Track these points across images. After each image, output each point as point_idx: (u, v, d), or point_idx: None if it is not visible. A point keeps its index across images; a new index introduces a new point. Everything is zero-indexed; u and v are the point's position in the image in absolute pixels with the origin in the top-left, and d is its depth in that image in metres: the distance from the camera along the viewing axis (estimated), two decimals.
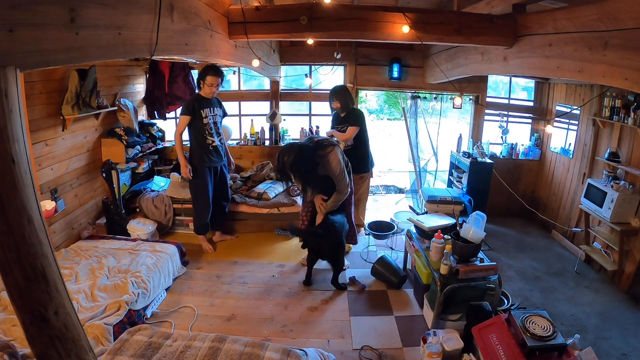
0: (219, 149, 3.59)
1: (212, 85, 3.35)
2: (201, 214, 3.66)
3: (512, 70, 2.91)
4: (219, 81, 3.38)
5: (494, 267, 2.61)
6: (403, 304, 3.05)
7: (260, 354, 1.92)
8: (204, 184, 3.56)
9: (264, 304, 3.00)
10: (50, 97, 3.04)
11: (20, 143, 0.99)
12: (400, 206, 5.16)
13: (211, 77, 3.32)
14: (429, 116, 5.19)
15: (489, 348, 2.08)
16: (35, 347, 1.10)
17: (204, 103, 3.43)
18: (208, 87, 3.35)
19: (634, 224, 3.21)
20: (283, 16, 2.67)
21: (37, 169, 2.94)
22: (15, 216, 0.99)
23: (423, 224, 3.11)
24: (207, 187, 3.58)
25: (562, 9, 2.26)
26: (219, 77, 3.37)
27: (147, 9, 1.64)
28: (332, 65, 4.78)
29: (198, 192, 3.60)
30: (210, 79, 3.32)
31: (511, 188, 4.66)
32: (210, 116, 3.47)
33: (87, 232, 3.54)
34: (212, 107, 3.49)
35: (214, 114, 3.51)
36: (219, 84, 3.41)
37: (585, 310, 3.03)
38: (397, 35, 2.67)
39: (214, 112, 3.51)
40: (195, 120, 3.40)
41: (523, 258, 3.87)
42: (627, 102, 3.35)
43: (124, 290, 2.67)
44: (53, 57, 1.14)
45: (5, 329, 2.21)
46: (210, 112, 3.47)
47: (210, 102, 3.47)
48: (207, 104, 3.45)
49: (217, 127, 3.56)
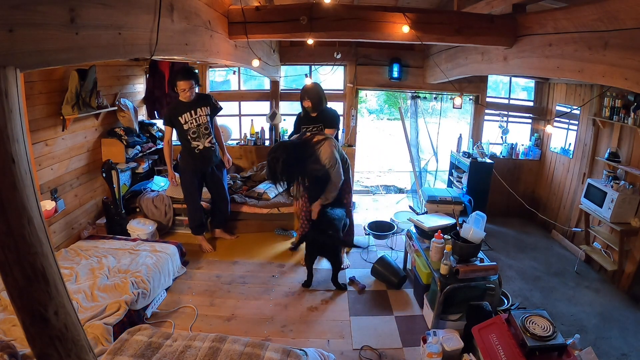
0: (207, 152, 3.47)
1: (184, 90, 3.20)
2: (192, 215, 3.67)
3: (512, 70, 2.90)
4: (191, 84, 3.20)
5: (494, 267, 2.61)
6: (403, 304, 3.05)
7: (260, 354, 1.92)
8: (190, 187, 3.56)
9: (264, 304, 3.00)
10: (50, 97, 3.04)
11: (20, 143, 0.99)
12: (400, 206, 5.15)
13: (181, 82, 3.18)
14: (429, 116, 5.19)
15: (489, 348, 2.08)
16: (35, 347, 1.10)
17: (181, 109, 3.31)
18: (181, 92, 3.22)
19: (634, 224, 3.21)
20: (283, 16, 2.67)
21: (37, 169, 2.94)
22: (15, 216, 0.99)
23: (423, 224, 3.12)
24: (194, 190, 3.57)
25: (562, 9, 2.26)
26: (190, 79, 3.20)
27: (147, 9, 1.64)
28: (332, 65, 4.78)
29: (186, 195, 3.62)
30: (180, 84, 3.18)
31: (511, 188, 4.66)
32: (191, 120, 3.33)
33: (87, 232, 3.54)
34: (192, 109, 3.33)
35: (196, 115, 3.35)
36: (193, 86, 3.23)
37: (585, 310, 3.03)
38: (397, 35, 2.67)
39: (196, 114, 3.34)
40: (176, 128, 3.36)
41: (523, 258, 3.87)
42: (627, 102, 3.35)
43: (124, 290, 2.67)
44: (53, 57, 1.14)
45: (5, 329, 2.21)
46: (191, 115, 3.33)
47: (189, 105, 3.31)
48: (186, 108, 3.31)
49: (203, 128, 3.40)
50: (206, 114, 3.42)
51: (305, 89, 3.48)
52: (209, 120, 3.44)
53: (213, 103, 3.51)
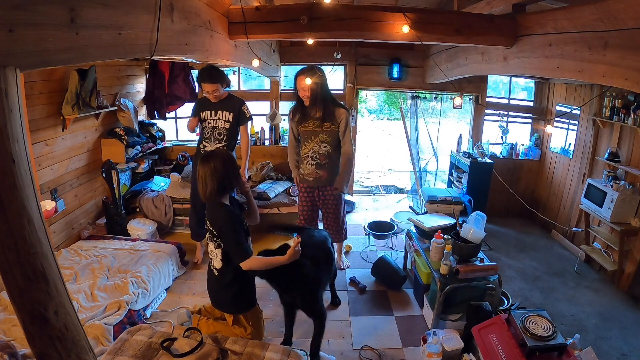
0: None
1: (208, 92, 3.06)
2: (191, 220, 3.49)
3: (512, 70, 2.90)
4: (216, 87, 3.02)
5: (494, 267, 2.61)
6: (403, 304, 3.05)
7: (260, 354, 1.92)
8: (191, 189, 3.44)
9: (264, 304, 2.98)
10: (50, 97, 3.03)
11: (20, 143, 0.99)
12: (400, 206, 5.16)
13: (206, 85, 3.02)
14: (429, 116, 5.19)
15: (489, 348, 2.08)
16: (35, 347, 1.10)
17: (205, 104, 3.18)
18: (206, 94, 3.09)
19: (634, 224, 3.21)
20: (283, 16, 2.67)
21: (37, 169, 2.94)
22: (15, 216, 0.99)
23: (423, 224, 3.11)
24: (193, 192, 3.35)
25: (562, 9, 2.26)
26: (215, 83, 3.01)
27: (147, 9, 1.64)
28: (332, 65, 4.77)
29: (190, 198, 3.46)
30: (205, 86, 3.03)
31: (511, 188, 4.66)
32: (210, 120, 3.18)
33: (87, 232, 3.54)
34: (214, 110, 3.17)
35: (215, 117, 3.17)
36: (219, 89, 3.05)
37: (585, 310, 3.03)
38: (397, 35, 2.67)
39: (215, 115, 3.17)
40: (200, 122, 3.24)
41: (523, 258, 3.87)
42: (627, 102, 3.36)
43: (124, 290, 2.67)
44: (53, 57, 1.14)
45: (5, 329, 2.21)
46: (211, 115, 3.17)
47: (213, 104, 3.16)
48: (210, 106, 3.17)
49: (216, 133, 3.19)
50: (226, 120, 3.17)
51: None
52: (228, 127, 3.18)
53: (241, 111, 3.20)
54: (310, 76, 2.84)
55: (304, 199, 3.22)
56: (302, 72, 2.95)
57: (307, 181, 3.12)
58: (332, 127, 2.99)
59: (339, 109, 2.99)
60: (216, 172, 1.93)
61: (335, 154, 3.05)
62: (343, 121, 2.97)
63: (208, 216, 2.10)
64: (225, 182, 1.97)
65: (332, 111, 2.97)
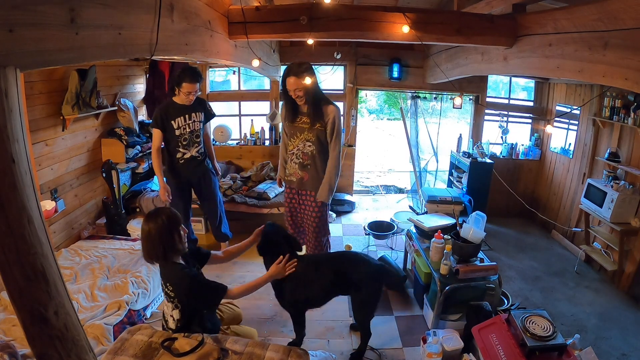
0: (192, 162, 3.13)
1: (189, 93, 2.89)
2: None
3: (512, 70, 2.90)
4: (196, 87, 2.90)
5: (494, 267, 2.61)
6: (403, 304, 3.05)
7: (260, 354, 1.92)
8: (174, 200, 3.17)
9: (264, 304, 3.00)
10: (50, 97, 3.03)
11: (20, 143, 0.99)
12: (400, 206, 5.16)
13: (188, 85, 2.84)
14: (429, 116, 5.19)
15: (489, 348, 2.08)
16: (35, 347, 1.10)
17: (175, 111, 2.97)
18: (185, 95, 2.90)
19: (634, 224, 3.21)
20: (283, 16, 2.67)
21: (37, 169, 2.94)
22: (15, 216, 0.99)
23: (423, 224, 3.12)
24: (178, 202, 3.17)
25: (562, 9, 2.26)
26: (198, 82, 2.89)
27: (147, 9, 1.64)
28: (332, 65, 4.78)
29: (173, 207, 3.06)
30: (187, 86, 2.85)
31: (511, 188, 4.66)
32: (185, 125, 3.01)
33: (87, 232, 3.54)
34: (187, 113, 3.01)
35: (190, 121, 3.03)
36: (197, 91, 2.93)
37: (585, 310, 3.03)
38: (397, 35, 2.67)
39: (190, 119, 3.02)
40: (166, 133, 2.99)
41: (523, 258, 3.87)
42: (627, 102, 3.36)
43: (124, 290, 2.67)
44: (53, 57, 1.14)
45: (5, 329, 2.21)
46: (184, 120, 3.00)
47: (184, 109, 2.99)
48: (181, 111, 2.98)
49: (194, 136, 3.08)
50: (200, 120, 3.11)
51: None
52: (201, 127, 3.14)
53: (208, 109, 3.22)
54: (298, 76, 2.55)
55: (288, 202, 2.97)
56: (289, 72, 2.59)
57: (291, 182, 2.87)
58: (319, 127, 2.68)
59: (329, 107, 2.67)
60: (160, 234, 1.82)
61: (320, 157, 2.73)
62: (331, 120, 2.64)
63: (163, 275, 1.95)
64: (168, 246, 1.85)
65: (321, 110, 2.68)
